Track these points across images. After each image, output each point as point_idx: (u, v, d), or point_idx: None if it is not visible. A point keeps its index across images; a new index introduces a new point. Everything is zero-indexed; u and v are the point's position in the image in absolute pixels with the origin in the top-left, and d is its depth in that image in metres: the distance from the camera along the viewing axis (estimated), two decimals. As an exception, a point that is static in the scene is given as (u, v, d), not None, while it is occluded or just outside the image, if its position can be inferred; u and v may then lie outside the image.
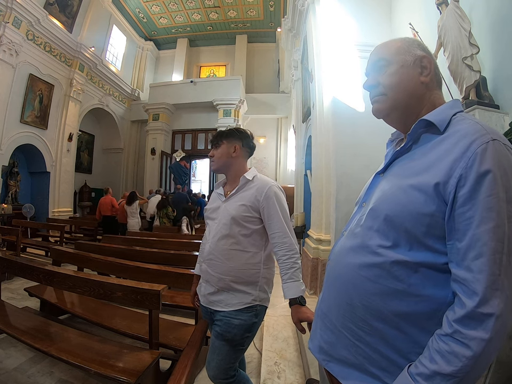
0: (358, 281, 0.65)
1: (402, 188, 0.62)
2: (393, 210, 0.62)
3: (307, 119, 4.66)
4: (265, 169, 9.95)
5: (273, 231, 1.23)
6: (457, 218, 0.54)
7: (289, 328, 2.56)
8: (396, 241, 0.61)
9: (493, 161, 0.52)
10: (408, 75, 0.69)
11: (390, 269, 0.61)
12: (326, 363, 0.72)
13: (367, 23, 3.27)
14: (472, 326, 0.50)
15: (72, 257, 2.90)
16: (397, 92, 0.70)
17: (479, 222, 0.52)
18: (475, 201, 0.52)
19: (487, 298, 0.50)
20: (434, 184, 0.57)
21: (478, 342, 0.49)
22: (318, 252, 3.36)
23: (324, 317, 0.74)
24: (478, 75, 1.90)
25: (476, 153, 0.53)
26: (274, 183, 1.31)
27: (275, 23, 10.66)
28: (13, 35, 6.17)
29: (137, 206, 5.86)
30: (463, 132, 0.58)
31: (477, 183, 0.52)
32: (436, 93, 0.71)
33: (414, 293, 0.58)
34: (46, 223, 6.40)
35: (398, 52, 0.71)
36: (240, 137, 1.35)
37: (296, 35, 5.38)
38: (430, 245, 0.58)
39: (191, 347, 1.38)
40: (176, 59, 11.98)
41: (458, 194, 0.54)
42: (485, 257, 0.51)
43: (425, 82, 0.69)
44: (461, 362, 0.49)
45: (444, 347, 0.52)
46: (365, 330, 0.64)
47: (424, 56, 0.70)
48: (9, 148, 6.53)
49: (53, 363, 1.99)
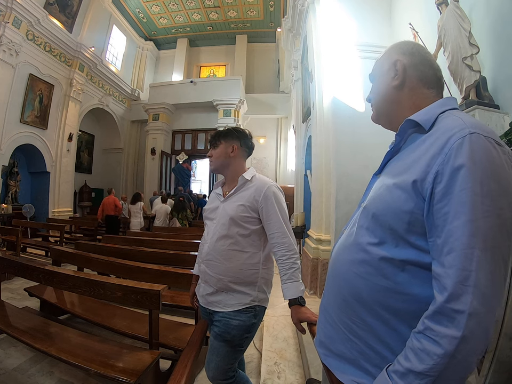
0: (350, 278, 0.67)
1: (388, 187, 0.64)
2: (379, 209, 0.63)
3: (307, 119, 4.66)
4: (265, 169, 9.95)
5: (272, 231, 1.22)
6: (435, 214, 0.54)
7: (289, 328, 2.56)
8: (382, 239, 0.62)
9: (468, 155, 0.52)
10: (382, 82, 0.75)
11: (378, 266, 0.62)
12: (325, 358, 0.73)
13: (367, 23, 3.26)
14: (443, 323, 0.49)
15: (72, 257, 2.90)
16: (377, 100, 0.77)
17: (453, 217, 0.51)
18: (450, 196, 0.52)
19: (457, 294, 0.49)
20: (412, 181, 0.57)
21: (450, 340, 0.48)
22: (318, 252, 3.36)
23: (325, 311, 0.76)
24: (478, 75, 1.90)
25: (452, 148, 0.53)
26: (273, 183, 1.30)
27: (275, 23, 10.66)
28: (13, 35, 6.17)
29: (141, 207, 6.02)
30: (443, 129, 0.59)
31: (451, 178, 0.52)
32: (421, 93, 0.70)
33: (401, 291, 0.59)
34: (46, 223, 6.40)
35: (381, 63, 0.77)
36: (238, 137, 1.35)
37: (296, 35, 5.38)
38: (412, 242, 0.58)
39: (191, 347, 1.38)
40: (176, 59, 11.99)
41: (435, 190, 0.54)
42: (456, 252, 0.50)
43: (396, 85, 0.72)
44: (433, 361, 0.49)
45: (416, 344, 0.52)
46: (359, 326, 0.65)
47: (397, 59, 0.72)
48: (9, 148, 6.53)
49: (53, 363, 1.99)
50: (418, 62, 0.71)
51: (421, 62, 0.71)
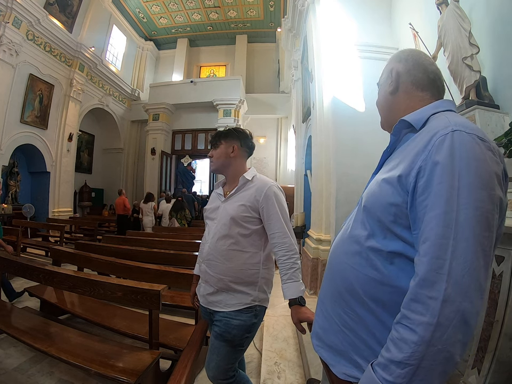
0: (343, 269, 0.70)
1: (377, 182, 0.67)
2: (370, 202, 0.67)
3: (307, 119, 4.66)
4: (265, 169, 9.95)
5: (273, 231, 1.22)
6: (417, 207, 0.56)
7: (289, 328, 2.56)
8: (372, 230, 0.65)
9: (447, 151, 0.54)
10: (382, 90, 0.81)
11: (368, 257, 0.64)
12: (318, 349, 0.76)
13: (367, 23, 3.26)
14: (418, 311, 0.50)
15: (72, 257, 2.90)
16: (379, 108, 0.84)
17: (429, 209, 0.54)
18: (430, 190, 0.54)
19: (431, 281, 0.50)
20: (398, 176, 0.61)
21: (425, 327, 0.49)
22: (318, 252, 3.36)
23: (321, 303, 0.79)
24: (478, 75, 1.90)
25: (434, 145, 0.56)
26: (274, 183, 1.30)
27: (275, 23, 10.66)
28: (13, 35, 6.17)
29: (152, 206, 6.39)
30: (430, 128, 0.62)
31: (431, 173, 0.55)
32: (415, 95, 0.74)
33: (389, 283, 0.61)
34: (46, 223, 6.41)
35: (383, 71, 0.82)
36: (238, 137, 1.35)
37: (296, 35, 5.38)
38: (398, 233, 0.60)
39: (191, 347, 1.38)
40: (176, 59, 11.98)
41: (418, 184, 0.57)
42: (430, 241, 0.52)
43: (391, 91, 0.77)
44: (410, 349, 0.49)
45: (395, 334, 0.53)
46: (350, 316, 0.67)
47: (392, 67, 0.77)
48: (9, 148, 6.54)
49: (53, 363, 1.99)
50: (411, 67, 0.74)
51: (413, 67, 0.74)
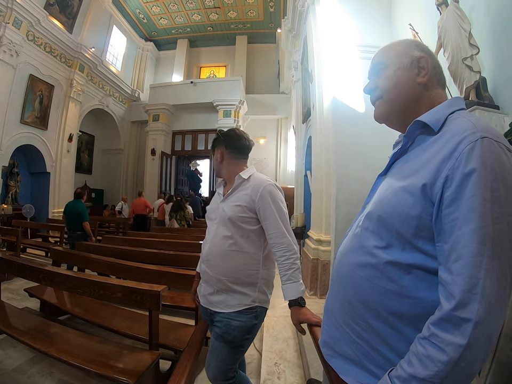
0: (355, 280, 0.66)
1: (394, 190, 0.62)
2: (385, 212, 0.62)
3: (307, 120, 4.66)
4: (265, 169, 9.96)
5: (270, 232, 1.21)
6: (444, 219, 0.53)
7: (289, 328, 2.56)
8: (389, 242, 0.61)
9: (479, 161, 0.51)
10: (404, 77, 0.70)
11: (384, 269, 0.61)
12: (330, 358, 0.73)
13: (367, 23, 3.26)
14: (449, 330, 0.49)
15: (72, 257, 2.90)
16: (393, 94, 0.71)
17: (461, 223, 0.51)
18: (460, 202, 0.51)
19: (465, 302, 0.48)
20: (422, 185, 0.56)
21: (455, 348, 0.47)
22: (318, 253, 3.36)
23: (329, 313, 0.76)
24: (478, 76, 1.90)
25: (462, 153, 0.52)
26: (270, 182, 1.27)
27: (275, 24, 10.66)
28: (13, 35, 6.18)
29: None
30: (453, 131, 0.57)
31: (461, 184, 0.51)
32: (436, 92, 0.70)
33: (408, 294, 0.58)
34: (46, 224, 6.40)
35: (396, 55, 0.72)
36: (223, 141, 1.36)
37: (296, 36, 5.39)
38: (419, 246, 0.57)
39: (191, 348, 1.37)
40: (176, 60, 11.99)
41: (445, 195, 0.53)
42: (464, 260, 0.49)
43: (422, 82, 0.69)
44: (436, 367, 0.48)
45: (421, 350, 0.51)
46: (364, 328, 0.64)
47: (421, 56, 0.69)
48: (9, 148, 6.54)
49: (52, 363, 1.99)
50: (436, 62, 0.71)
51: (437, 62, 0.71)
